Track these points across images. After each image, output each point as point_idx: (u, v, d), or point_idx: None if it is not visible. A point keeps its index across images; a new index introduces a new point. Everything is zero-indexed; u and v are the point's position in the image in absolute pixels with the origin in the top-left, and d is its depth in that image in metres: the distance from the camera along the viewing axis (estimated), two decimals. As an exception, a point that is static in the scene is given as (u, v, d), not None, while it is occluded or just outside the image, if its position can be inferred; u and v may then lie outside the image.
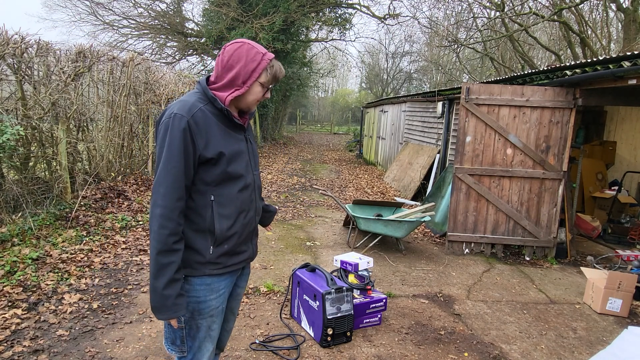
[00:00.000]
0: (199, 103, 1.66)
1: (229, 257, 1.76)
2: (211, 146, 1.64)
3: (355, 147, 19.80)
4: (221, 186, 1.69)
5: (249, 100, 1.75)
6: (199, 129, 1.61)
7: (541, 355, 3.22)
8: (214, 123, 1.67)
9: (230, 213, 1.72)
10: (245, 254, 1.85)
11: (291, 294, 3.57)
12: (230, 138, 1.72)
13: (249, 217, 1.81)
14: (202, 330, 1.76)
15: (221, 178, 1.68)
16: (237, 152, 1.73)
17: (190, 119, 1.60)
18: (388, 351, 3.13)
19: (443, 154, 8.08)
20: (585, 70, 4.60)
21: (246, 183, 1.77)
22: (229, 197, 1.71)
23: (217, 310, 1.79)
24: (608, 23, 13.34)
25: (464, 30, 15.59)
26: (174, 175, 1.58)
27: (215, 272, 1.73)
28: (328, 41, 19.32)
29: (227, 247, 1.73)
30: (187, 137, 1.59)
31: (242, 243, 1.81)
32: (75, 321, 3.26)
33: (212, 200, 1.67)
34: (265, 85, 1.74)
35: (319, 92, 43.17)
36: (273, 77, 1.73)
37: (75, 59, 5.53)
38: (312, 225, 6.52)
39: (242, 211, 1.76)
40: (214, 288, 1.75)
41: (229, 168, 1.68)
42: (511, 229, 5.45)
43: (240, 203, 1.75)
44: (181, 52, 18.39)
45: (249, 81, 1.69)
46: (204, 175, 1.66)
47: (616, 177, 7.50)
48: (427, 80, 31.46)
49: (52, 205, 5.05)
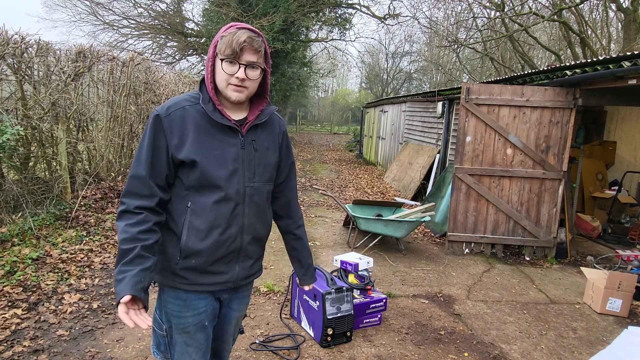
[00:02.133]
0: (185, 102, 1.54)
1: (199, 275, 1.59)
2: (184, 149, 1.50)
3: (355, 147, 19.79)
4: (199, 193, 1.55)
5: (220, 84, 1.53)
6: (172, 128, 1.50)
7: (541, 355, 3.22)
8: (196, 124, 1.52)
9: (202, 226, 1.54)
10: (224, 275, 1.64)
11: (291, 294, 3.57)
12: (213, 141, 1.53)
13: (228, 235, 1.59)
14: (178, 344, 1.68)
15: (197, 184, 1.53)
16: (218, 159, 1.54)
17: (165, 117, 1.50)
18: (388, 351, 3.13)
19: (443, 154, 8.08)
20: (585, 70, 4.60)
21: (226, 195, 1.55)
22: (203, 207, 1.54)
23: (194, 327, 1.66)
24: (608, 23, 13.33)
25: (464, 30, 15.60)
26: (139, 172, 1.50)
27: (184, 287, 1.60)
28: (328, 41, 19.31)
29: (195, 262, 1.57)
30: (158, 134, 1.49)
31: (219, 262, 1.61)
32: (75, 321, 3.26)
33: (188, 207, 1.54)
34: (225, 59, 1.48)
35: (319, 92, 43.18)
36: (228, 45, 1.46)
37: (75, 59, 5.53)
38: (312, 225, 6.52)
39: (217, 226, 1.56)
40: (190, 305, 1.63)
41: (203, 175, 1.52)
42: (511, 229, 5.45)
43: (214, 216, 1.55)
44: (181, 52, 18.39)
45: (210, 55, 1.52)
46: (183, 178, 1.54)
47: (616, 177, 7.50)
48: (427, 80, 31.46)
49: (52, 205, 5.04)
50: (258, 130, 1.64)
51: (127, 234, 1.45)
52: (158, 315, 1.70)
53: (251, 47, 1.49)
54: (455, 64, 22.71)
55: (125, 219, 1.48)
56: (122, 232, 1.46)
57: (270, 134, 1.70)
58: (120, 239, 1.46)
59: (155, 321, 1.72)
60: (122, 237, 1.46)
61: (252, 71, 1.53)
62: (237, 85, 1.51)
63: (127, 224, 1.47)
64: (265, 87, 1.66)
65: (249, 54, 1.49)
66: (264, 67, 1.57)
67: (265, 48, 1.56)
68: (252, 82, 1.56)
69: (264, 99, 1.67)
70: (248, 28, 1.50)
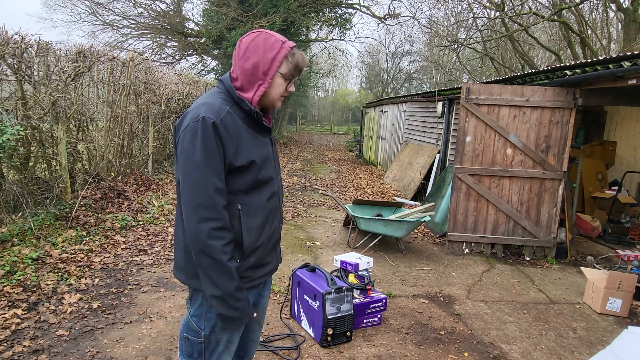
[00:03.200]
0: (225, 105, 1.53)
1: (255, 270, 1.66)
2: (242, 153, 1.52)
3: (355, 147, 19.80)
4: (249, 194, 1.58)
5: (272, 96, 1.61)
6: (229, 134, 1.49)
7: (541, 355, 3.22)
8: (243, 127, 1.55)
9: (258, 223, 1.61)
10: (271, 265, 1.76)
11: (291, 294, 3.57)
12: (258, 142, 1.60)
13: (274, 226, 1.71)
14: (221, 344, 1.68)
15: (250, 186, 1.57)
16: (266, 157, 1.62)
17: (219, 123, 1.47)
18: (388, 351, 3.13)
19: (443, 154, 8.08)
20: (585, 70, 4.60)
21: (274, 190, 1.67)
22: (257, 207, 1.60)
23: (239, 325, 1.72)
24: (608, 23, 13.34)
25: (464, 30, 15.60)
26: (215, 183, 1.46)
27: (244, 286, 1.62)
28: (328, 41, 19.33)
29: (254, 259, 1.63)
30: (218, 141, 1.47)
31: (268, 254, 1.71)
32: (75, 321, 3.26)
33: (240, 210, 1.55)
34: (287, 77, 1.58)
35: (319, 92, 43.19)
36: (295, 66, 1.57)
37: (75, 59, 5.53)
38: (312, 225, 6.52)
39: (269, 220, 1.66)
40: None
41: (260, 175, 1.58)
42: (511, 229, 5.45)
43: (268, 212, 1.64)
44: (181, 52, 18.40)
45: (270, 72, 1.54)
46: (232, 183, 1.54)
47: (616, 177, 7.50)
48: (427, 80, 31.47)
49: (52, 205, 5.05)
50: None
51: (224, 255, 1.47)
52: (196, 324, 1.66)
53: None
54: (455, 64, 22.71)
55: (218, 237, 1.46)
56: (223, 254, 1.46)
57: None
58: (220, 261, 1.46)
59: (189, 330, 1.68)
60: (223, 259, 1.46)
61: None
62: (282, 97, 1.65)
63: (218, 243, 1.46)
64: None
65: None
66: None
67: None
68: None
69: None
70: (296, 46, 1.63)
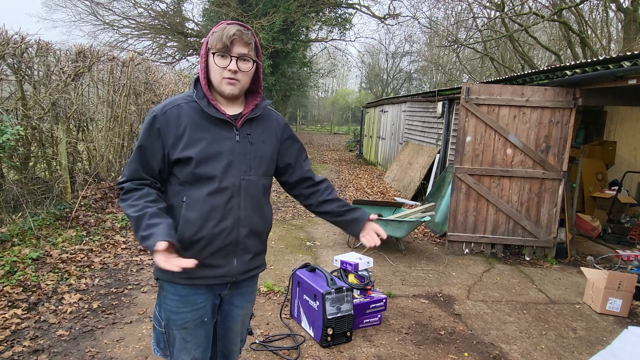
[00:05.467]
0: (181, 100, 1.59)
1: (197, 268, 1.54)
2: (180, 147, 1.54)
3: (355, 147, 19.80)
4: (192, 187, 1.58)
5: (214, 79, 1.58)
6: (168, 127, 1.55)
7: (541, 355, 3.22)
8: (192, 120, 1.56)
9: (196, 218, 1.57)
10: (221, 269, 1.65)
11: (291, 294, 3.57)
12: (207, 135, 1.57)
13: (223, 227, 1.59)
14: (177, 341, 1.69)
15: (191, 178, 1.57)
16: (213, 152, 1.56)
17: (160, 115, 1.55)
18: (388, 351, 3.13)
19: (443, 154, 8.08)
20: (585, 70, 4.60)
21: (219, 187, 1.57)
22: (197, 200, 1.57)
23: (192, 323, 1.67)
24: (608, 23, 13.34)
25: (464, 30, 15.60)
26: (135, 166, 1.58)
27: (181, 281, 1.61)
28: (328, 41, 19.31)
29: (191, 254, 1.56)
30: (152, 133, 1.55)
31: (216, 255, 1.62)
32: (75, 321, 3.26)
33: (183, 201, 1.58)
34: (214, 51, 1.53)
35: (319, 92, 43.19)
36: (218, 39, 1.52)
37: (75, 59, 5.53)
38: (312, 225, 6.52)
39: (212, 218, 1.58)
40: (188, 301, 1.64)
41: (197, 169, 1.55)
42: (511, 229, 5.45)
43: (208, 208, 1.57)
44: (181, 52, 18.39)
45: (202, 52, 1.58)
46: (177, 174, 1.59)
47: (616, 177, 7.50)
48: (427, 80, 31.47)
49: (52, 205, 5.04)
50: (254, 124, 1.67)
51: (136, 206, 1.52)
52: (157, 312, 1.73)
53: (241, 40, 1.54)
54: (455, 64, 22.71)
55: (129, 196, 1.55)
56: (130, 207, 1.52)
57: (267, 128, 1.72)
58: (130, 212, 1.51)
59: (155, 318, 1.75)
60: (132, 210, 1.50)
61: (243, 63, 1.57)
62: (230, 79, 1.55)
63: (133, 198, 1.54)
64: (258, 83, 1.70)
65: (240, 46, 1.54)
66: (255, 60, 1.61)
67: (255, 41, 1.61)
68: (245, 75, 1.59)
69: (257, 95, 1.71)
70: (237, 23, 1.57)
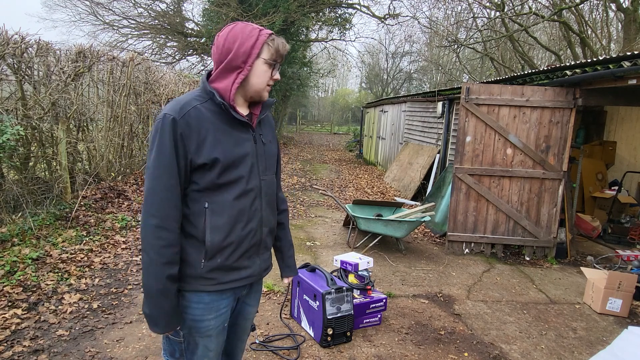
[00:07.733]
0: (195, 101, 1.51)
1: (225, 273, 1.58)
2: (204, 151, 1.48)
3: (355, 147, 19.80)
4: (216, 192, 1.53)
5: (255, 84, 1.55)
6: (190, 131, 1.46)
7: (541, 355, 3.22)
8: (212, 123, 1.51)
9: (224, 223, 1.54)
10: (248, 270, 1.65)
11: (291, 294, 3.57)
12: (230, 139, 1.53)
13: (250, 229, 1.61)
14: (199, 348, 1.65)
15: (216, 184, 1.51)
16: (238, 155, 1.54)
17: (180, 120, 1.45)
18: (388, 351, 3.13)
19: (443, 154, 8.08)
20: (585, 70, 4.60)
21: (245, 189, 1.57)
22: (223, 205, 1.53)
23: (215, 330, 1.64)
24: (608, 23, 13.34)
25: (464, 30, 15.60)
26: (167, 181, 1.45)
27: (210, 288, 1.58)
28: (328, 41, 19.30)
29: (221, 260, 1.56)
30: (176, 140, 1.44)
31: (243, 257, 1.62)
32: (75, 321, 3.26)
33: (206, 207, 1.52)
34: (269, 63, 1.54)
35: (319, 92, 43.17)
36: (276, 51, 1.54)
37: (75, 59, 5.53)
38: (312, 225, 6.52)
39: (240, 221, 1.57)
40: (213, 307, 1.61)
41: (224, 174, 1.52)
42: (511, 229, 5.45)
43: (237, 212, 1.56)
44: (181, 52, 18.37)
45: (250, 59, 1.50)
46: (198, 181, 1.51)
47: (616, 177, 7.50)
48: (427, 80, 31.47)
49: (52, 205, 5.04)
50: (261, 124, 1.69)
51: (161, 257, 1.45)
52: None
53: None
54: (455, 64, 22.70)
55: (159, 238, 1.45)
56: (156, 253, 1.45)
57: (269, 128, 1.76)
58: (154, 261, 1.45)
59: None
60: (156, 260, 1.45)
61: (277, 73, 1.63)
62: (269, 85, 1.60)
63: (159, 243, 1.45)
64: None
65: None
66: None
67: None
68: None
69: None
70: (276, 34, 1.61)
